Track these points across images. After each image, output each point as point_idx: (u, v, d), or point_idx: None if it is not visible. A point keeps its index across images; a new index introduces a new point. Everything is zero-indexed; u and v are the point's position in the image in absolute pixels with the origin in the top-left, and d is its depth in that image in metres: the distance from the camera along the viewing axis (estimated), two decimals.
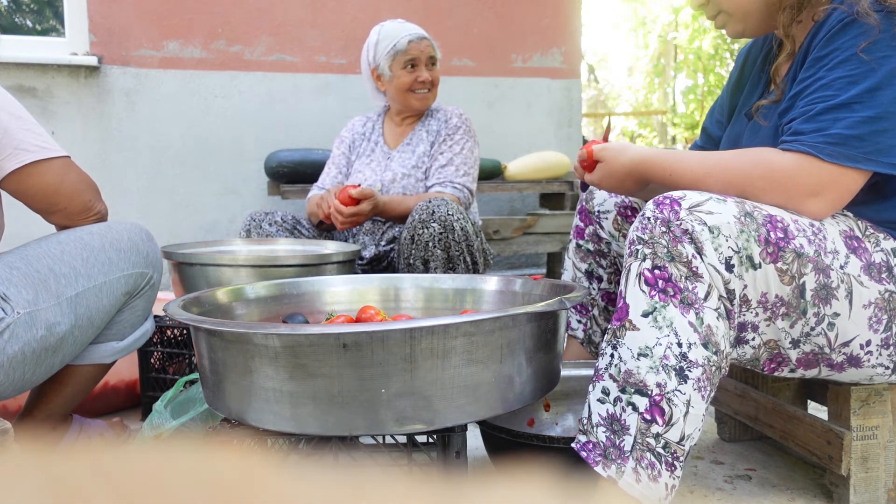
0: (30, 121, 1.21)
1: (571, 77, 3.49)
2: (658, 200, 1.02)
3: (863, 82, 1.01)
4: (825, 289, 1.02)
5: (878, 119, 1.00)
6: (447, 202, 1.78)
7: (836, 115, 1.01)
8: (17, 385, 1.18)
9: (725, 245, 0.97)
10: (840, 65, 1.03)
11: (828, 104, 1.02)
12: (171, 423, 1.22)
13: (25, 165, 1.18)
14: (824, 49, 1.06)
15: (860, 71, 1.01)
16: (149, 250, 1.33)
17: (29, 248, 1.22)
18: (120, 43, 2.89)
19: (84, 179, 1.28)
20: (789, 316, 1.02)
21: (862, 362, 1.08)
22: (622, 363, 0.99)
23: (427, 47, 2.04)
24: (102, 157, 2.91)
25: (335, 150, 2.23)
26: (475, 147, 2.09)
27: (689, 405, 0.96)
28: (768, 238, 0.99)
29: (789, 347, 1.06)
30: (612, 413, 0.99)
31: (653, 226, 1.00)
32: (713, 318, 0.98)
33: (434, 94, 2.10)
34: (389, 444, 1.10)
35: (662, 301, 0.97)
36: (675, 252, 0.97)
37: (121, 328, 1.34)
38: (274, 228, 2.02)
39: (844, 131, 1.00)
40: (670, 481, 0.97)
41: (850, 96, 1.01)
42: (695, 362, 0.96)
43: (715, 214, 0.98)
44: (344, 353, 0.88)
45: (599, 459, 0.98)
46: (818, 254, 1.01)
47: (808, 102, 1.05)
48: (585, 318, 1.61)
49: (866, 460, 1.15)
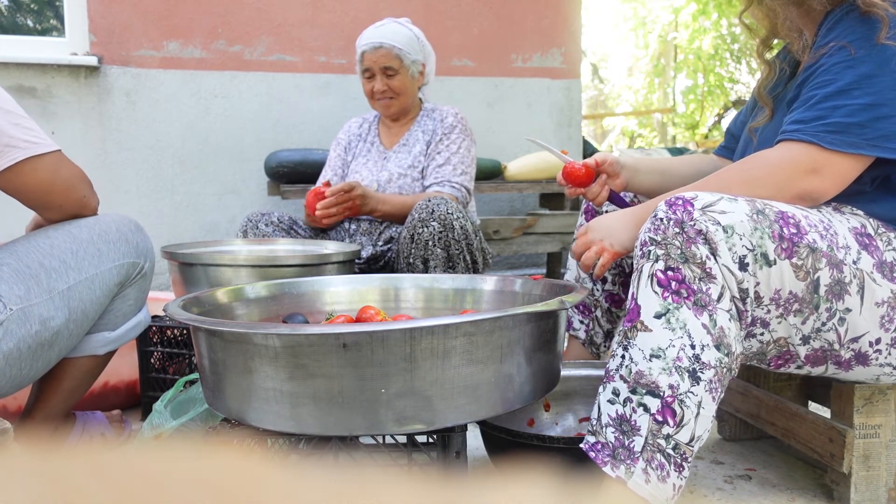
0: (19, 114, 1.18)
1: (571, 77, 3.49)
2: (670, 201, 1.01)
3: (860, 66, 1.02)
4: (839, 284, 1.02)
5: (877, 106, 1.01)
6: (447, 201, 1.78)
7: (835, 103, 1.03)
8: (14, 382, 1.17)
9: (740, 244, 0.97)
10: (838, 51, 1.05)
11: (827, 90, 1.04)
12: (171, 423, 1.22)
13: (17, 163, 1.16)
14: (825, 38, 1.08)
15: (858, 56, 1.03)
16: (138, 240, 1.33)
17: (18, 243, 1.22)
18: (120, 43, 2.89)
19: (76, 174, 1.26)
20: (801, 312, 1.02)
21: (870, 360, 1.07)
22: (633, 364, 0.99)
23: (381, 57, 2.00)
24: (102, 157, 2.91)
25: (332, 153, 2.24)
26: (472, 146, 2.09)
27: (701, 406, 0.97)
28: (782, 234, 0.99)
29: (799, 344, 1.05)
30: (622, 414, 0.99)
31: (666, 227, 0.99)
32: (726, 320, 0.98)
33: (400, 102, 2.06)
34: (389, 444, 1.10)
35: (676, 302, 0.97)
36: (689, 253, 0.97)
37: (112, 318, 1.33)
38: (270, 229, 2.02)
39: (844, 119, 1.01)
40: (678, 481, 0.97)
41: (848, 82, 1.02)
42: (707, 364, 0.96)
43: (728, 213, 0.98)
44: (344, 353, 0.88)
45: (608, 460, 0.98)
46: (831, 248, 1.01)
47: (809, 89, 1.07)
48: (588, 318, 1.61)
49: (868, 458, 1.15)
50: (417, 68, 2.06)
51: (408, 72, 2.03)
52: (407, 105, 2.09)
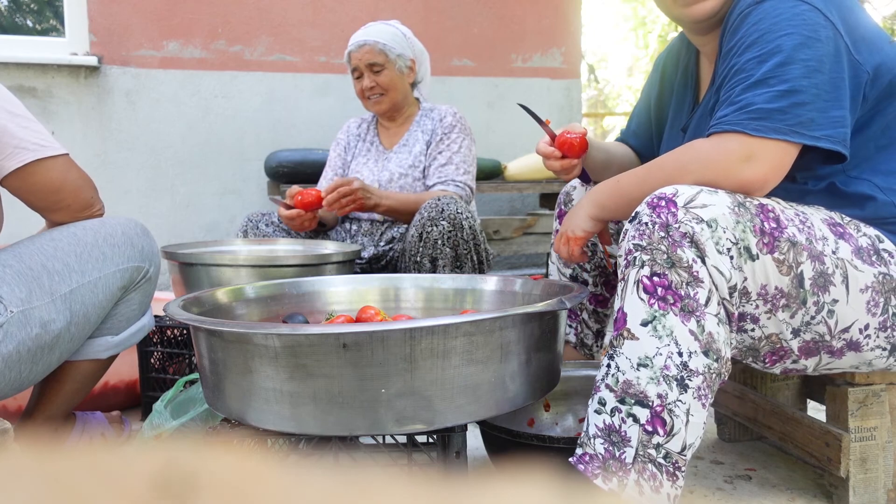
0: (28, 118, 1.20)
1: (571, 77, 3.49)
2: (652, 203, 0.99)
3: (772, 59, 1.01)
4: (822, 276, 1.01)
5: (793, 92, 0.99)
6: (455, 200, 1.79)
7: (753, 92, 1.01)
8: (14, 384, 1.17)
9: (724, 237, 0.96)
10: (748, 48, 1.04)
11: (744, 84, 1.03)
12: (171, 423, 1.22)
13: (27, 164, 1.17)
14: (731, 41, 1.08)
15: (768, 49, 1.02)
16: (143, 244, 1.32)
17: (21, 245, 1.22)
18: (120, 43, 2.88)
19: (83, 177, 1.28)
20: (790, 307, 1.01)
21: (861, 346, 1.07)
22: (620, 373, 0.97)
23: (366, 53, 2.01)
24: (102, 157, 2.91)
25: (331, 153, 2.24)
26: (472, 145, 2.09)
27: (690, 414, 0.95)
28: (763, 228, 0.99)
29: (790, 338, 1.05)
30: (610, 424, 0.97)
31: (651, 231, 0.98)
32: (714, 325, 0.97)
33: (390, 97, 2.06)
34: (389, 444, 1.10)
35: (662, 309, 0.96)
36: (675, 257, 0.96)
37: (116, 322, 1.33)
38: (270, 229, 2.03)
39: (765, 105, 1.00)
40: (672, 491, 0.95)
41: (763, 73, 1.01)
42: (695, 371, 0.95)
43: (710, 207, 0.97)
44: (344, 353, 0.88)
45: (599, 472, 0.96)
46: (810, 241, 1.01)
47: (727, 90, 1.06)
48: (575, 322, 1.61)
49: (865, 461, 1.15)
50: (405, 63, 2.05)
51: (394, 66, 2.03)
52: (398, 101, 2.08)
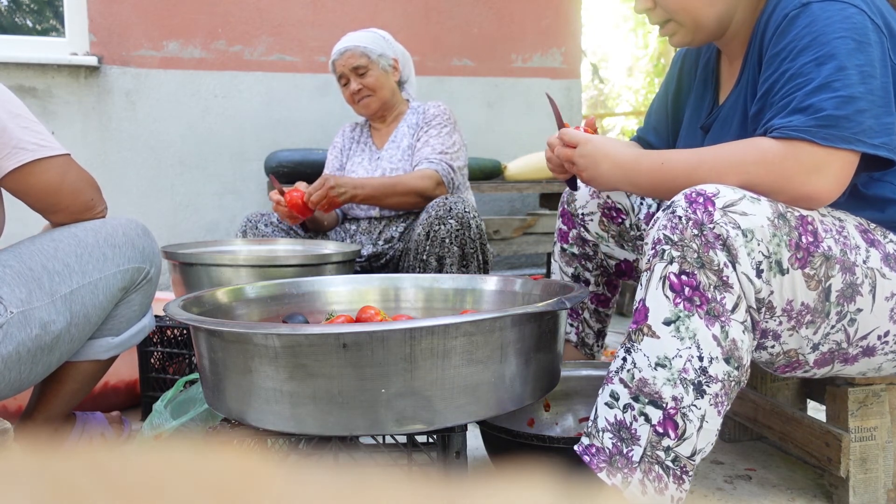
0: (28, 118, 1.20)
1: (571, 77, 3.49)
2: (690, 197, 0.95)
3: (830, 62, 0.96)
4: (851, 287, 0.98)
5: (854, 99, 0.95)
6: (463, 200, 1.81)
7: (820, 97, 0.95)
8: (13, 385, 1.17)
9: (757, 249, 0.93)
10: (801, 52, 0.98)
11: (807, 89, 0.97)
12: (171, 423, 1.22)
13: (25, 164, 1.17)
14: (779, 44, 1.02)
15: (823, 52, 0.96)
16: (144, 245, 1.32)
17: (22, 245, 1.21)
18: (120, 43, 2.88)
19: (84, 177, 1.27)
20: (814, 323, 0.99)
21: (876, 351, 1.05)
22: (636, 370, 0.95)
23: (349, 59, 2.06)
24: (102, 156, 2.91)
25: (329, 155, 2.28)
26: (454, 131, 2.11)
27: (704, 420, 0.93)
28: (799, 243, 0.95)
29: (809, 352, 1.03)
30: (622, 420, 0.96)
31: (684, 226, 0.94)
32: (739, 332, 0.94)
33: (378, 97, 2.10)
34: (389, 444, 1.10)
35: (687, 310, 0.93)
36: (707, 259, 0.93)
37: (117, 323, 1.33)
38: (269, 229, 2.04)
39: (834, 112, 0.94)
40: (677, 494, 0.94)
41: (825, 77, 0.96)
42: (714, 377, 0.93)
43: (749, 216, 0.93)
44: (344, 353, 0.88)
45: (604, 466, 0.95)
46: (844, 252, 0.98)
47: (783, 96, 0.99)
48: (576, 321, 1.61)
49: (865, 461, 1.15)
50: (388, 62, 2.10)
51: (378, 66, 2.08)
52: (387, 99, 2.12)
